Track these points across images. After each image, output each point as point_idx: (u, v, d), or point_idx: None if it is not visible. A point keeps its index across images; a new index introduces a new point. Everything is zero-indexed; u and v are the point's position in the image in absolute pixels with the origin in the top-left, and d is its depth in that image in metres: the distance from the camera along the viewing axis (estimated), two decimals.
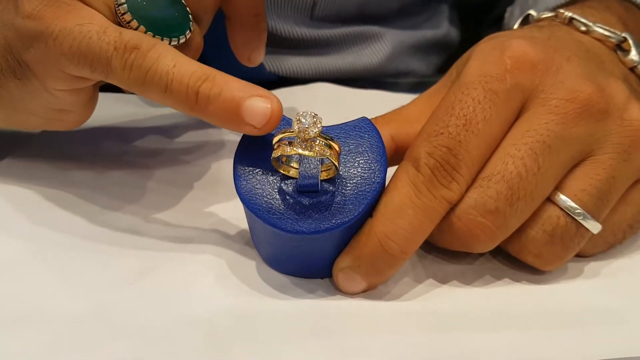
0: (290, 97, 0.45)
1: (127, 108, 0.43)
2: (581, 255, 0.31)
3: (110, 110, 0.42)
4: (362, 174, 0.28)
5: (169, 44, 0.30)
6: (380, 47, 0.51)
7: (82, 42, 0.28)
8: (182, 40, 0.31)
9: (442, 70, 0.56)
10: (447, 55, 0.57)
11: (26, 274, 0.29)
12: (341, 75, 0.50)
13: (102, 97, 0.44)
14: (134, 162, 0.37)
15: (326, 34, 0.49)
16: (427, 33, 0.54)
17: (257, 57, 0.39)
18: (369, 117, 0.31)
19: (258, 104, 0.27)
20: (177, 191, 0.35)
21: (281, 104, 0.28)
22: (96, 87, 0.33)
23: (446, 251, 0.31)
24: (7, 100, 0.32)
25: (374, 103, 0.45)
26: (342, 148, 0.29)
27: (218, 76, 0.28)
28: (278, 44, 0.48)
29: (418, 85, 0.52)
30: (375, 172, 0.28)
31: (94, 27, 0.29)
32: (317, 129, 0.27)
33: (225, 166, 0.37)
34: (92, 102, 0.33)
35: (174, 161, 0.38)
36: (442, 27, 0.56)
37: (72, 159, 0.37)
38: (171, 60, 0.28)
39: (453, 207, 0.28)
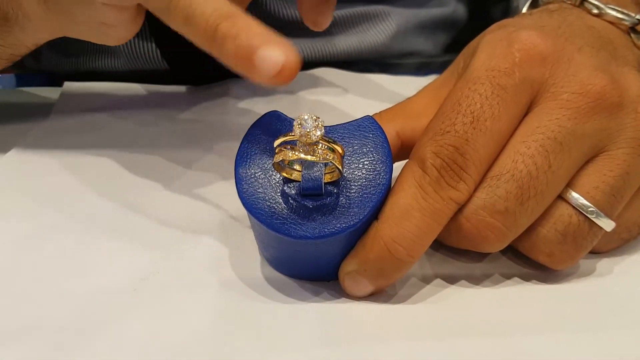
0: (294, 84, 0.44)
1: (127, 101, 0.42)
2: (594, 252, 0.30)
3: (105, 104, 0.41)
4: (367, 176, 0.27)
5: None
6: (386, 26, 0.50)
7: None
8: None
9: (448, 50, 0.55)
10: (454, 34, 0.55)
11: (23, 277, 0.29)
12: (346, 57, 0.48)
13: (105, 86, 0.43)
14: (133, 159, 0.37)
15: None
16: (433, 11, 0.53)
17: (325, 21, 0.38)
18: (374, 103, 0.30)
19: (270, 53, 0.26)
20: (179, 192, 0.34)
21: (298, 57, 0.26)
22: (141, 9, 0.33)
23: (454, 249, 0.30)
24: (59, 8, 0.33)
25: (379, 88, 0.44)
26: (345, 149, 0.28)
27: (241, 19, 0.27)
28: (282, 27, 0.47)
29: (423, 66, 0.51)
30: (380, 174, 0.27)
31: None
32: (319, 133, 0.26)
33: (227, 167, 0.36)
34: (136, 22, 0.34)
35: (175, 160, 0.37)
36: (449, 5, 0.54)
37: (63, 161, 0.36)
38: None
39: (461, 208, 0.27)
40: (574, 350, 0.26)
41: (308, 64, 0.47)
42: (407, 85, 0.36)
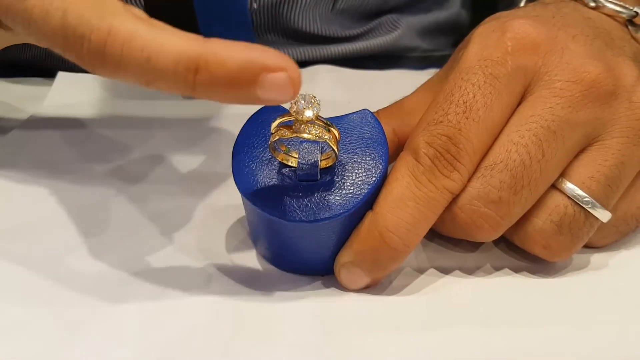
0: None
1: (122, 93, 0.42)
2: (594, 247, 0.30)
3: (99, 95, 0.41)
4: (363, 165, 0.28)
5: None
6: (392, 32, 0.50)
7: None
8: None
9: (452, 46, 0.55)
10: (458, 37, 0.55)
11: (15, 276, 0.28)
12: (346, 58, 0.48)
13: (93, 79, 0.43)
14: (129, 150, 0.36)
15: (345, 33, 0.47)
16: (437, 15, 0.52)
17: None
18: (372, 99, 0.30)
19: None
20: (174, 184, 0.34)
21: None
22: None
23: (448, 238, 0.30)
24: None
25: (376, 84, 0.44)
26: (342, 139, 0.28)
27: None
28: (293, 37, 0.46)
29: (424, 60, 0.50)
30: (376, 163, 0.28)
31: None
32: (315, 110, 0.26)
33: (223, 157, 0.36)
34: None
35: (169, 151, 0.37)
36: (453, 8, 0.54)
37: (53, 158, 0.36)
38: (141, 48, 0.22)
39: (455, 198, 0.27)
40: (564, 342, 0.25)
41: (305, 63, 0.47)
42: (405, 81, 0.36)
